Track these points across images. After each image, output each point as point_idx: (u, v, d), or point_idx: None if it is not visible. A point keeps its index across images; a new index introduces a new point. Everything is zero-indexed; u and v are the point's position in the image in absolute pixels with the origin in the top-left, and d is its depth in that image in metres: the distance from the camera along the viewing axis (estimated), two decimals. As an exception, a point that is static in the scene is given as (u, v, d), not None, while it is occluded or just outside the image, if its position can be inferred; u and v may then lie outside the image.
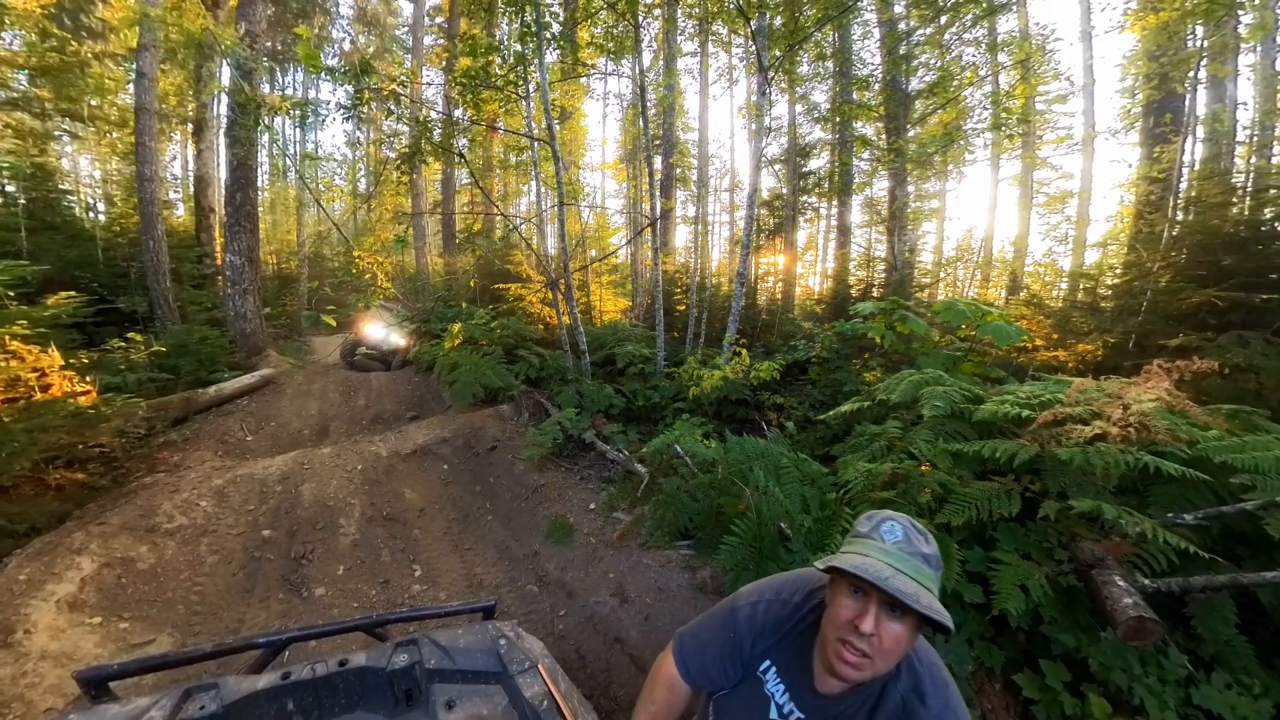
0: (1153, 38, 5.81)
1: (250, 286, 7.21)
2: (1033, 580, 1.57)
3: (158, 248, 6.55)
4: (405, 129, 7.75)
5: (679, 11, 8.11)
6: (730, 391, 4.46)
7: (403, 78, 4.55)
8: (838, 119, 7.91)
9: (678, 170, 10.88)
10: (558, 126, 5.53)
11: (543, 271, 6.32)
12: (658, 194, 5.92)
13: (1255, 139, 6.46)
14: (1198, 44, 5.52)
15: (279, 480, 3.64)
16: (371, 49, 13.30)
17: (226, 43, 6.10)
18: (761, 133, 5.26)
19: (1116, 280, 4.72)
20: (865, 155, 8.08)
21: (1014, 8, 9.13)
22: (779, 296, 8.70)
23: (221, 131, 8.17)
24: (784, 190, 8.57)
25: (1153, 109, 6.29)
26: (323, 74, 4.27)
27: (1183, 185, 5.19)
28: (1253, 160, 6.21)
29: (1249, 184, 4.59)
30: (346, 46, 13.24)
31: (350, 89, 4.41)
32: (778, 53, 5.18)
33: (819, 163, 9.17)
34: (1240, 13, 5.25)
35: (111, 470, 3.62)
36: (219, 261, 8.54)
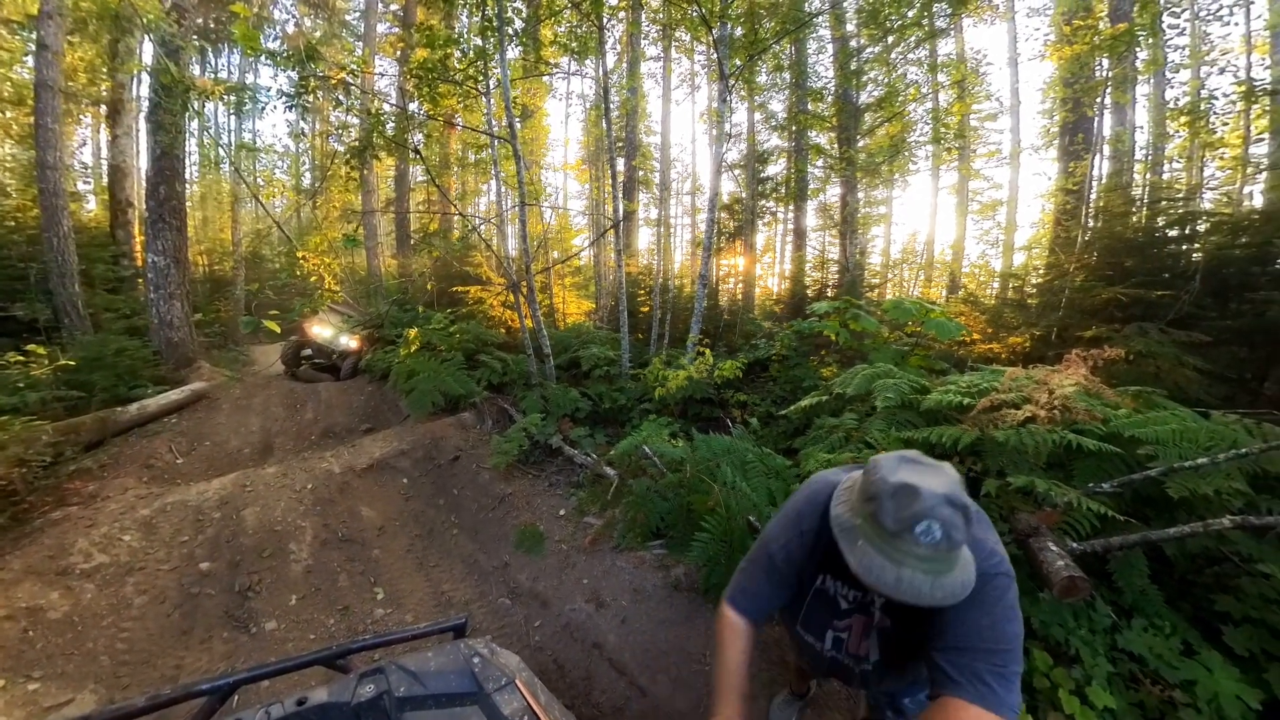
0: (1068, 67, 6.54)
1: (177, 290, 6.54)
2: (980, 553, 1.70)
3: (63, 246, 5.83)
4: (355, 121, 7.35)
5: (643, 16, 8.20)
6: (695, 391, 4.53)
7: (353, 66, 4.28)
8: (794, 128, 8.26)
9: (640, 173, 10.98)
10: (519, 125, 5.42)
11: (504, 273, 6.17)
12: (621, 196, 5.93)
13: (1150, 157, 7.39)
14: (1104, 74, 6.22)
15: (217, 506, 3.31)
16: (319, 33, 12.44)
17: (149, 16, 5.49)
18: (722, 138, 5.40)
19: (1040, 280, 5.20)
20: (819, 163, 8.47)
21: (952, 33, 9.90)
22: (740, 297, 8.93)
23: (142, 116, 7.36)
24: (743, 194, 8.83)
25: (1068, 129, 7.03)
26: (262, 57, 3.96)
27: (1093, 196, 5.81)
28: (1148, 176, 7.09)
29: (1145, 196, 5.24)
30: (290, 29, 12.32)
31: (294, 75, 4.12)
32: (738, 62, 5.35)
33: (776, 169, 9.52)
34: (1138, 49, 5.99)
35: (11, 506, 3.11)
36: (139, 262, 7.69)
